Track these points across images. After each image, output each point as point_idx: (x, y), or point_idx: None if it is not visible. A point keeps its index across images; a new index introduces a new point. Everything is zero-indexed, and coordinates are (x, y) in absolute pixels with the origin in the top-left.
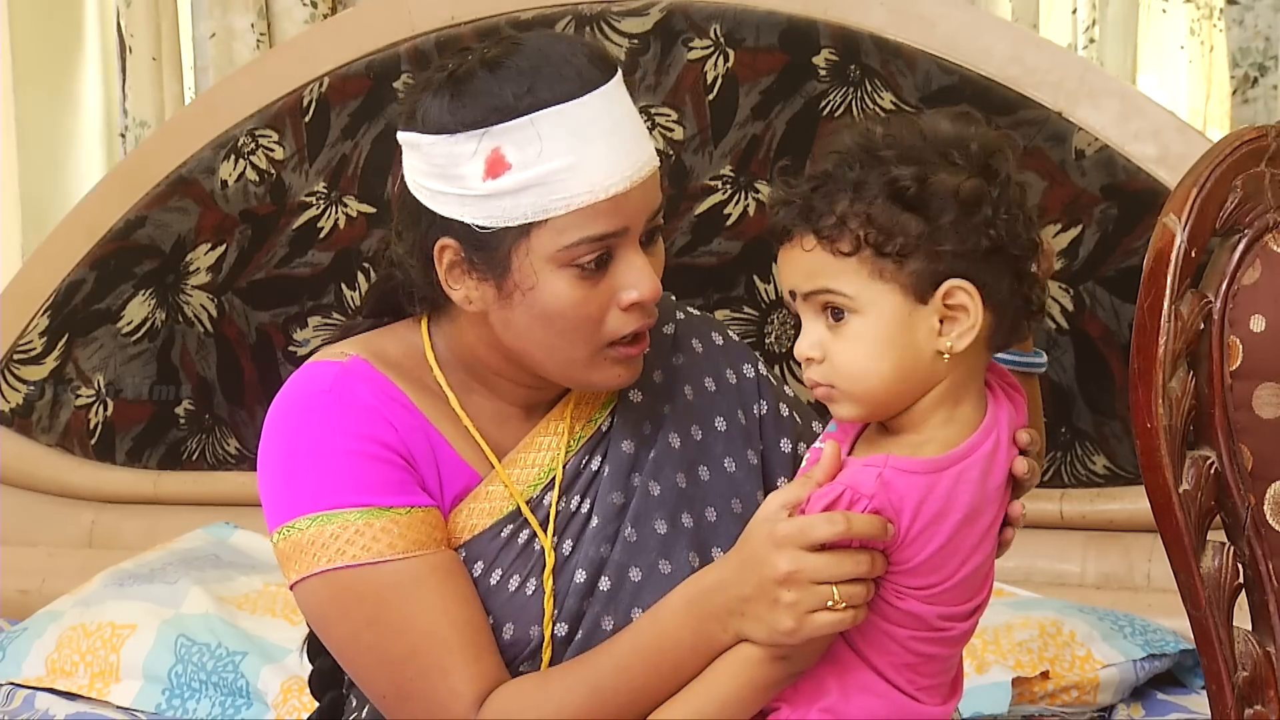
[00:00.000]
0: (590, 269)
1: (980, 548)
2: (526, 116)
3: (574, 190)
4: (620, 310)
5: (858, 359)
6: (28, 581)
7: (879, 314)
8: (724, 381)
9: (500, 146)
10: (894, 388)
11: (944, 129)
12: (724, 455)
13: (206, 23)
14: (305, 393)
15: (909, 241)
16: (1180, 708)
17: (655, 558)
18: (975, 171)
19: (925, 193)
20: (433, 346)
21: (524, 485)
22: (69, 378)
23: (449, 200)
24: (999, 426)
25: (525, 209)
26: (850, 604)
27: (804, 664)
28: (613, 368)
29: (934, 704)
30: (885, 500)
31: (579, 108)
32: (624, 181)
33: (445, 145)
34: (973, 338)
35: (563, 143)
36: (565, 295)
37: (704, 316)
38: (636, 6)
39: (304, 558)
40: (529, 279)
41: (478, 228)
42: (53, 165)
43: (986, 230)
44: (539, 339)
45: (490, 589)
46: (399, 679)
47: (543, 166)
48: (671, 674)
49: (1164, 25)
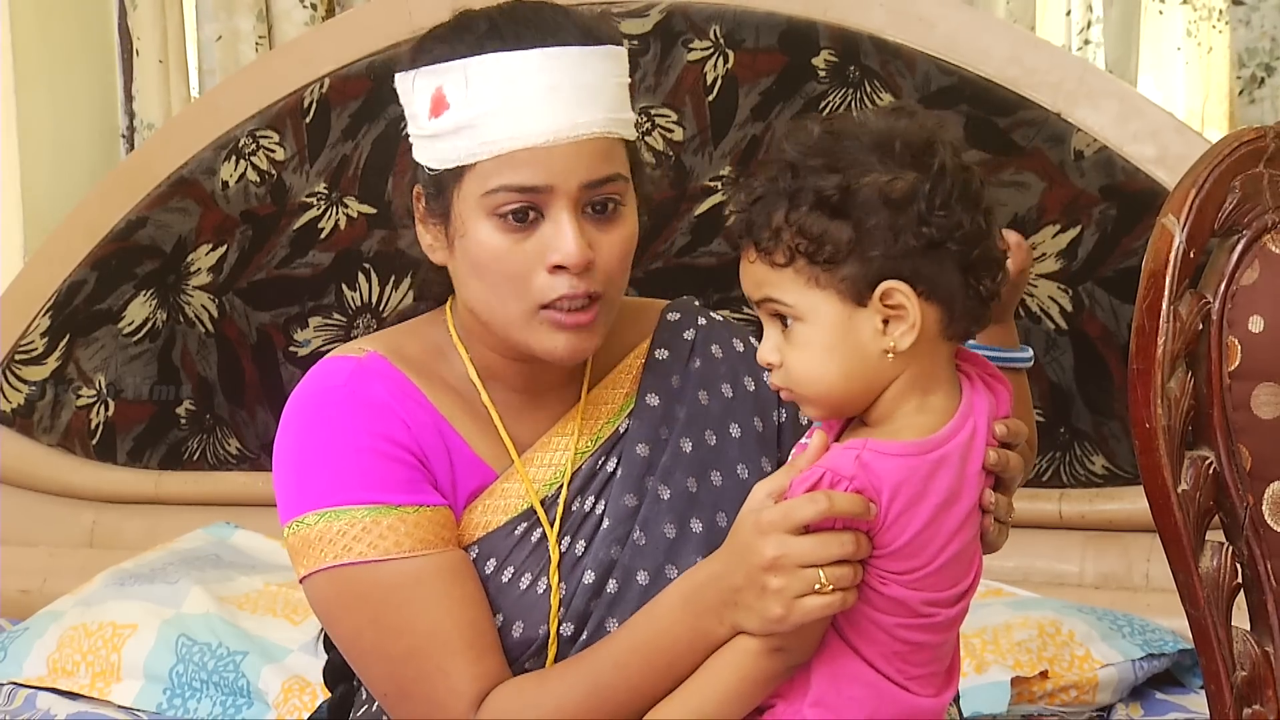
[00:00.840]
0: (512, 221)
1: (960, 533)
2: (466, 59)
3: (496, 135)
4: (546, 272)
5: (807, 364)
6: (29, 581)
7: (820, 320)
8: (742, 388)
9: (442, 86)
10: (846, 388)
11: (874, 126)
12: (738, 461)
13: (212, 25)
14: (320, 388)
15: (839, 249)
16: (1179, 707)
17: (662, 561)
18: (907, 168)
19: (851, 199)
20: (456, 331)
21: (539, 484)
22: (70, 378)
23: (416, 144)
24: (975, 414)
25: (460, 151)
26: (837, 586)
27: (800, 656)
28: (551, 334)
29: (927, 694)
30: (866, 481)
31: (516, 58)
32: (549, 135)
33: (402, 82)
34: (914, 336)
35: (495, 89)
36: (488, 244)
37: (726, 323)
38: (636, 8)
39: (312, 553)
40: (462, 225)
41: (428, 170)
42: (53, 166)
43: (919, 228)
44: (476, 293)
45: (501, 586)
46: (400, 677)
47: (473, 110)
48: (668, 670)
49: (1162, 26)
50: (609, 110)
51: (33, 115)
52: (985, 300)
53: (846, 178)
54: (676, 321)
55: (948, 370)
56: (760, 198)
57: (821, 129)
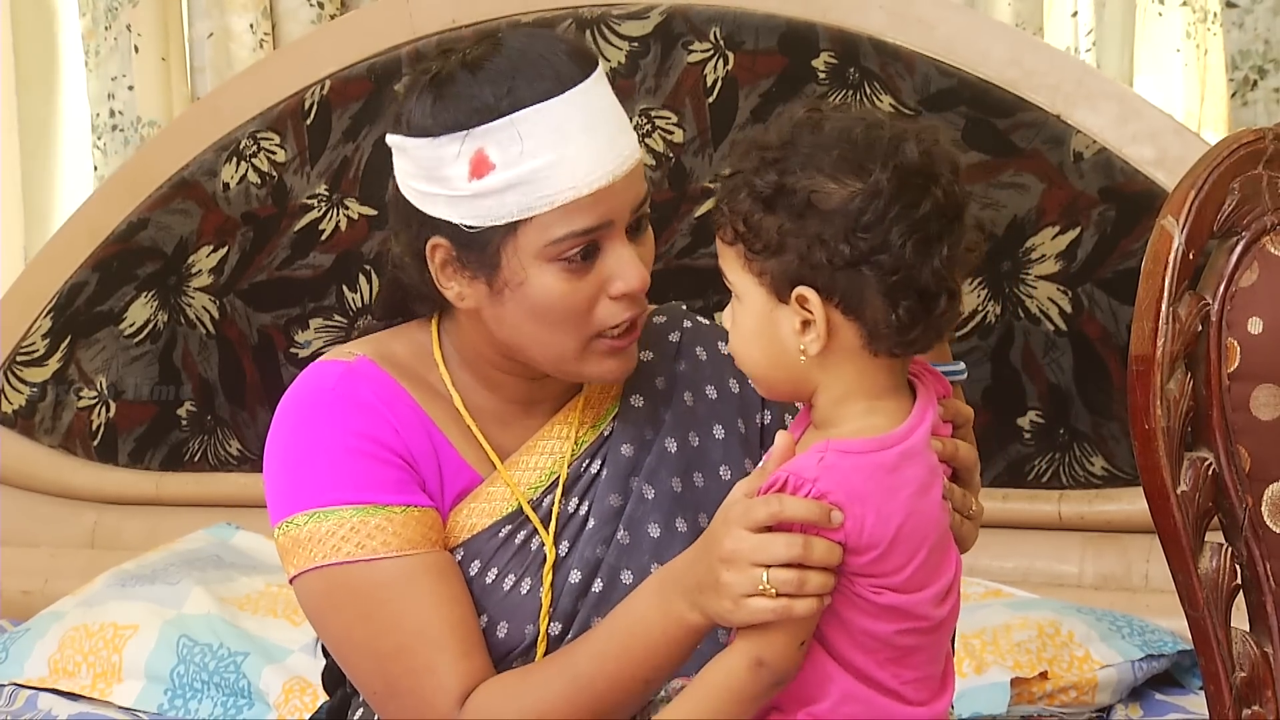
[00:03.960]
0: (577, 262)
1: (938, 520)
2: (507, 117)
3: (557, 187)
4: (609, 300)
5: (738, 341)
6: (30, 582)
7: (750, 304)
8: (726, 390)
9: (484, 147)
10: (770, 373)
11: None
12: (720, 463)
13: (204, 23)
14: (309, 391)
15: (769, 243)
16: (1178, 708)
17: (647, 561)
18: (855, 179)
19: (784, 197)
20: (440, 346)
21: (525, 487)
22: (71, 379)
23: (437, 201)
24: (931, 408)
25: (510, 207)
26: (780, 591)
27: (783, 673)
28: (604, 359)
29: (922, 699)
30: (829, 483)
31: (559, 105)
32: (606, 176)
33: (429, 148)
34: (820, 345)
35: (544, 141)
36: (554, 289)
37: (713, 326)
38: (637, 9)
39: (301, 553)
40: (518, 275)
41: (466, 227)
42: (54, 166)
43: (839, 243)
44: (530, 333)
45: (486, 587)
46: (388, 675)
47: (525, 165)
48: (645, 656)
49: (1160, 28)
50: (630, 131)
51: (33, 115)
52: (908, 326)
53: (785, 175)
54: (662, 325)
55: (895, 379)
56: (731, 174)
57: (799, 121)
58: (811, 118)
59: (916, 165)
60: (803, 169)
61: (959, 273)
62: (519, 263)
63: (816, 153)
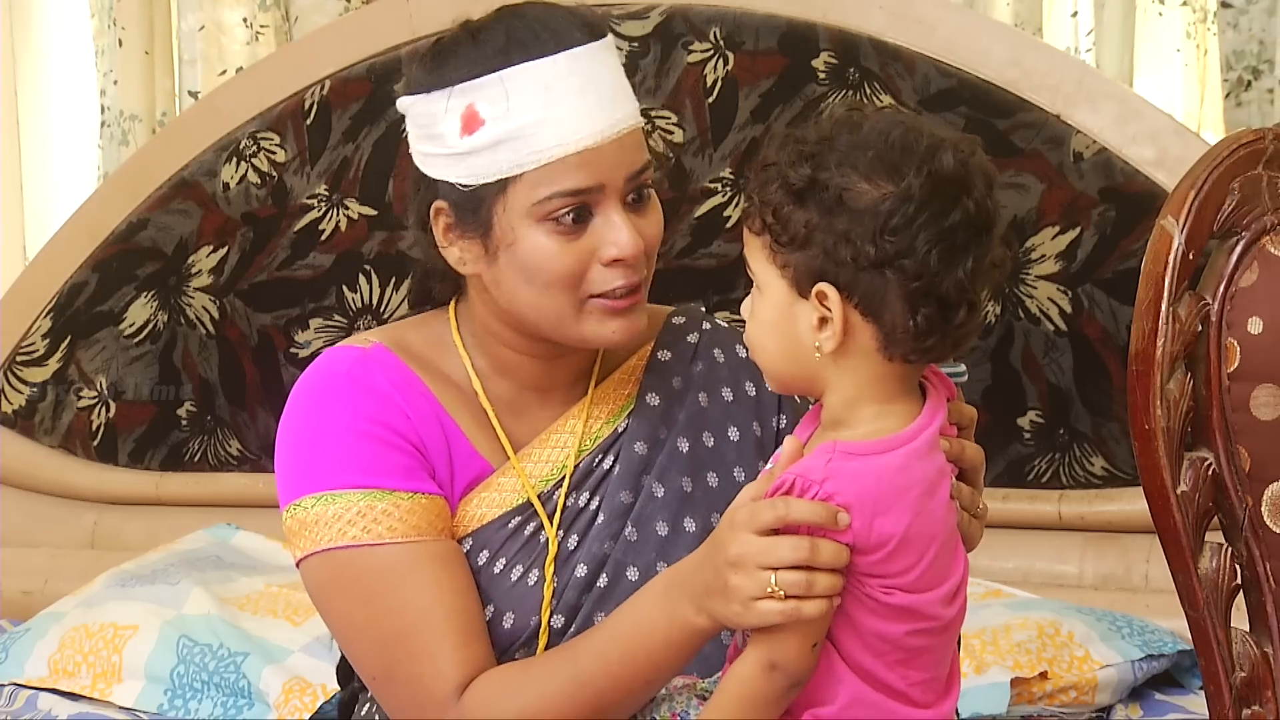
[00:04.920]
0: (567, 225)
1: (946, 520)
2: (497, 73)
3: (543, 144)
4: (601, 266)
5: (754, 332)
6: (30, 582)
7: (771, 295)
8: (742, 393)
9: (474, 103)
10: (783, 367)
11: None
12: (734, 464)
13: (195, 15)
14: (323, 375)
15: (795, 236)
16: (1178, 708)
17: (654, 558)
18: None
19: (815, 192)
20: (459, 333)
21: (536, 479)
22: (71, 379)
23: (436, 161)
24: (940, 410)
25: (500, 164)
26: (789, 593)
27: (798, 674)
28: (605, 321)
29: (929, 700)
30: (836, 485)
31: (549, 64)
32: (595, 136)
33: (424, 104)
34: (836, 343)
35: (533, 98)
36: (543, 249)
37: (732, 329)
38: (637, 9)
39: (308, 536)
40: (509, 235)
41: (460, 186)
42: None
43: (865, 244)
44: (525, 296)
45: (493, 578)
46: (388, 659)
47: (513, 121)
48: (648, 659)
49: (1160, 28)
50: (631, 100)
51: (33, 115)
52: (925, 333)
53: (820, 171)
54: (681, 325)
55: (906, 385)
56: (766, 165)
57: (839, 120)
58: (852, 117)
59: (951, 174)
60: (837, 166)
61: (982, 286)
62: (509, 222)
63: (853, 151)
